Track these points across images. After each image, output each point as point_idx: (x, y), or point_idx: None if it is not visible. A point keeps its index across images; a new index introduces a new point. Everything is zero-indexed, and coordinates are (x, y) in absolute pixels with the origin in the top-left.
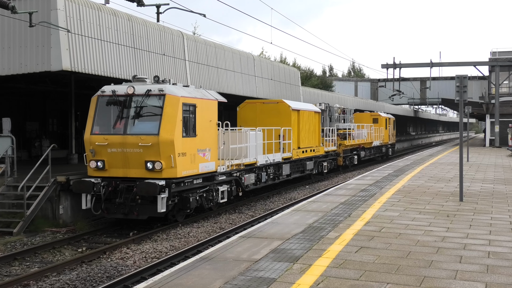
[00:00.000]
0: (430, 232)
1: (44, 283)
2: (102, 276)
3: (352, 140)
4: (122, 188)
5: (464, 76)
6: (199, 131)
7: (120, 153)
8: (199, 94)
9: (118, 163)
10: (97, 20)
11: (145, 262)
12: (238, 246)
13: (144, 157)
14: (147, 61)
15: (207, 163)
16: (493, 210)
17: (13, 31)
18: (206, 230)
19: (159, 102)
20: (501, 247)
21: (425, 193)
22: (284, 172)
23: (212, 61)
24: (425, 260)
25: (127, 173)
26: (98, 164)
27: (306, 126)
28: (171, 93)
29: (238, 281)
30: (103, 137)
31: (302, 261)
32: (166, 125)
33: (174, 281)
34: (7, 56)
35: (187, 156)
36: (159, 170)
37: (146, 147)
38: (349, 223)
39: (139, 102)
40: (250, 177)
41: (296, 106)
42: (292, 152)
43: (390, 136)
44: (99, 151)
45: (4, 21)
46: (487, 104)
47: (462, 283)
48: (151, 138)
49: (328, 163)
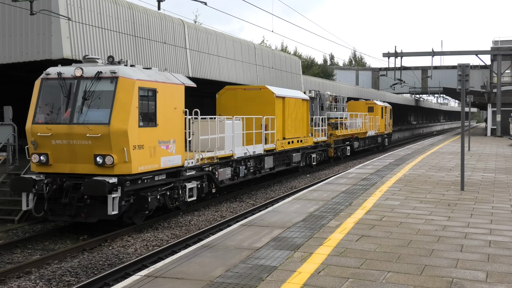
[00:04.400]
0: (431, 221)
1: (46, 270)
2: (104, 264)
3: (345, 130)
4: (68, 186)
5: (466, 65)
6: (161, 120)
7: (66, 145)
8: (162, 77)
9: (64, 157)
10: (97, 8)
11: (146, 250)
12: (239, 234)
13: (93, 150)
14: (148, 49)
15: (171, 157)
16: (494, 200)
17: (14, 19)
18: (207, 218)
19: (111, 86)
20: (502, 236)
21: (426, 182)
22: (267, 165)
23: (213, 49)
24: (426, 249)
25: (74, 168)
26: (41, 158)
27: (293, 115)
28: (125, 75)
29: (239, 269)
30: (46, 126)
31: (303, 249)
32: (118, 113)
33: (175, 269)
34: (8, 45)
35: (145, 149)
36: (110, 165)
37: (95, 139)
38: (350, 211)
39: (88, 86)
40: (226, 172)
41: (280, 92)
42: (276, 143)
43: (386, 125)
44: (42, 143)
45: (5, 9)
46: (489, 93)
47: (463, 272)
48: (101, 128)
49: (317, 154)
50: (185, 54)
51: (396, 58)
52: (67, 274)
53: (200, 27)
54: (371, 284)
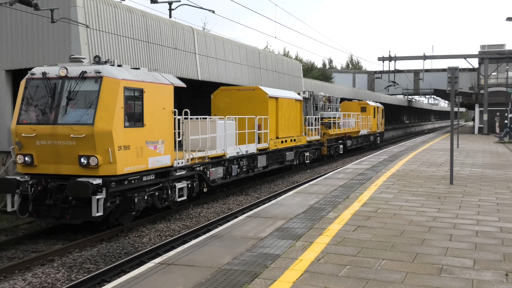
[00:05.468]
0: (422, 213)
1: (67, 258)
2: (121, 252)
3: (338, 129)
4: (52, 187)
5: (456, 68)
6: (149, 120)
7: (51, 146)
8: (149, 77)
9: (49, 158)
10: (113, 16)
11: (160, 240)
12: (245, 225)
13: (77, 151)
14: (160, 54)
15: (160, 157)
16: (481, 193)
17: (36, 26)
18: (215, 210)
19: (96, 86)
20: (488, 227)
21: (418, 176)
22: (260, 164)
23: (220, 54)
24: (418, 238)
25: (59, 169)
26: (26, 159)
27: (286, 115)
28: (110, 75)
29: (245, 257)
30: (30, 127)
31: (304, 239)
32: (102, 113)
33: (187, 257)
34: (31, 50)
35: (132, 150)
36: (94, 166)
37: (79, 139)
38: (348, 204)
39: (72, 85)
40: (217, 171)
41: (274, 93)
42: (269, 143)
43: (378, 124)
44: (27, 143)
45: (28, 17)
46: (477, 94)
47: (452, 260)
48: (85, 128)
49: (310, 153)
50: (194, 59)
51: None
52: (87, 262)
53: (208, 33)
54: (367, 271)
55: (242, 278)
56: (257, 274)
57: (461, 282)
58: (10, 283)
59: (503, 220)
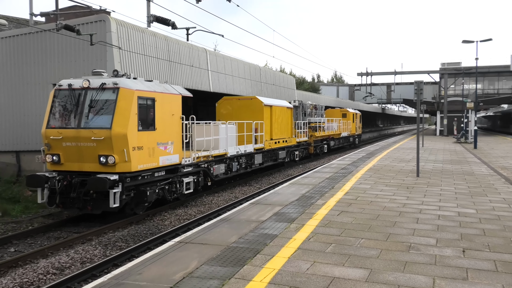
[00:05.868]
0: (394, 200)
1: (103, 238)
2: (147, 233)
3: (322, 132)
4: (76, 182)
5: (421, 81)
6: (160, 124)
7: (75, 147)
8: (160, 88)
9: (73, 157)
10: (141, 39)
11: (179, 222)
12: (248, 211)
13: (97, 151)
14: (179, 71)
15: (170, 156)
16: (442, 184)
17: (78, 48)
18: (224, 198)
19: (113, 96)
20: (448, 212)
21: (390, 170)
22: (257, 161)
23: (228, 70)
24: (390, 221)
25: (82, 167)
26: (54, 158)
27: (279, 120)
28: (126, 86)
29: (249, 237)
30: (57, 131)
31: (297, 221)
32: (119, 119)
33: (201, 237)
34: (74, 67)
35: (144, 150)
36: (112, 164)
37: (99, 141)
38: (333, 193)
39: (93, 95)
40: (220, 167)
41: (268, 102)
42: (265, 143)
43: (356, 128)
44: (55, 145)
45: (71, 41)
46: (438, 103)
47: (418, 239)
48: (104, 132)
49: (300, 152)
50: (207, 74)
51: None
52: (119, 241)
53: (218, 53)
54: (349, 248)
55: (246, 254)
56: (258, 250)
57: (426, 257)
58: (56, 258)
59: (460, 206)
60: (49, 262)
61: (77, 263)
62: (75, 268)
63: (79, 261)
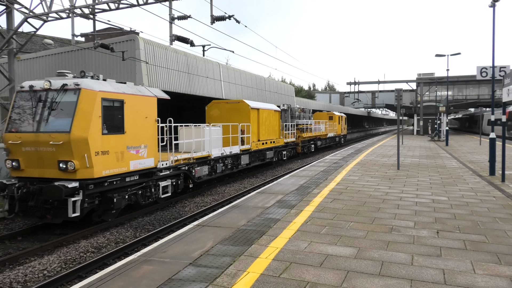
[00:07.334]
0: (378, 189)
1: (133, 222)
2: (170, 218)
3: (310, 133)
4: (34, 189)
5: (400, 89)
6: (130, 127)
7: (34, 152)
8: (132, 90)
9: (34, 162)
10: (164, 55)
11: (197, 208)
12: (255, 198)
13: (57, 157)
14: (197, 81)
15: (143, 160)
16: (419, 175)
17: (111, 63)
18: (235, 188)
19: (74, 97)
20: (424, 199)
21: (375, 164)
22: (243, 162)
23: (238, 81)
24: (375, 207)
25: (43, 173)
26: (13, 164)
27: (266, 122)
28: (88, 87)
29: (256, 221)
30: (15, 135)
31: (297, 208)
32: (79, 122)
33: (215, 221)
34: None
35: (111, 154)
36: (72, 170)
37: (58, 146)
38: (326, 184)
39: (54, 97)
40: (203, 169)
41: (255, 105)
42: (252, 144)
43: (342, 129)
44: (14, 150)
45: (106, 57)
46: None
47: (399, 222)
48: (62, 136)
49: (287, 151)
50: (220, 84)
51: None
52: (147, 224)
53: (229, 67)
54: (340, 229)
55: (253, 235)
56: (264, 232)
57: (405, 238)
58: (94, 239)
59: (435, 194)
60: (89, 242)
61: (112, 243)
62: (110, 247)
63: (114, 242)
